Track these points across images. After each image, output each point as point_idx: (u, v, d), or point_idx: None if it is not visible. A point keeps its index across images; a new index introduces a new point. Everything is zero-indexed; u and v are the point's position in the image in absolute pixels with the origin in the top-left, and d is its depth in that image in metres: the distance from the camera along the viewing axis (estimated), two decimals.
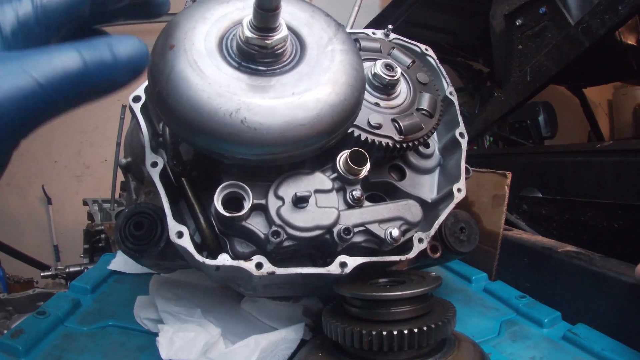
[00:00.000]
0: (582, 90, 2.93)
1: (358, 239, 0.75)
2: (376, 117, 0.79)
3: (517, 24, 2.10)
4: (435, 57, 1.02)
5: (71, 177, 4.34)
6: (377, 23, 2.68)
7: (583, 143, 2.81)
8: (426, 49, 1.02)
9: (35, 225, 4.25)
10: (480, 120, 2.06)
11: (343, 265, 0.72)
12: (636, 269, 0.82)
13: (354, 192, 0.75)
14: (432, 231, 0.82)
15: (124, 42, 0.41)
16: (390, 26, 0.99)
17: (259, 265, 0.69)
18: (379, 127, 0.78)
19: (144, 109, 0.78)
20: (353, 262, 0.73)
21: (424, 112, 0.85)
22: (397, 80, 0.83)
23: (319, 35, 0.71)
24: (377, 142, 0.78)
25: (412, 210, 0.79)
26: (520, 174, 1.60)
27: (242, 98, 0.61)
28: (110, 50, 0.40)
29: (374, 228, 0.75)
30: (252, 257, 0.69)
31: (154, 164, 0.73)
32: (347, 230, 0.71)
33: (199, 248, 0.71)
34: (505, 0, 2.18)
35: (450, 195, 0.85)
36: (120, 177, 2.67)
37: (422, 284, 0.69)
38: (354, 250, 0.76)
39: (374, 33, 0.98)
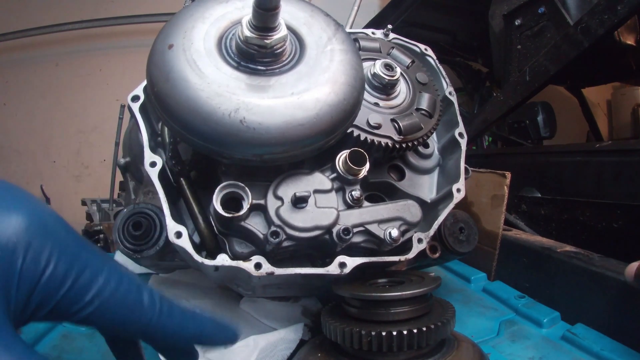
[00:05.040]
0: (581, 91, 2.93)
1: (357, 239, 0.75)
2: (375, 117, 0.79)
3: (516, 24, 2.10)
4: (434, 57, 1.01)
5: (70, 177, 4.33)
6: (376, 23, 2.68)
7: (582, 143, 2.81)
8: (425, 49, 1.01)
9: None
10: (480, 120, 2.06)
11: (342, 265, 0.72)
12: (626, 270, 0.82)
13: (353, 192, 0.75)
14: (432, 231, 0.82)
15: None
16: (389, 26, 0.99)
17: (258, 266, 0.69)
18: (379, 127, 0.78)
19: (142, 109, 0.77)
20: (352, 262, 0.73)
21: (423, 112, 0.85)
22: (397, 80, 0.83)
23: (318, 34, 0.71)
24: (376, 142, 0.78)
25: (411, 211, 0.79)
26: (519, 174, 1.60)
27: (241, 98, 0.61)
28: None
29: (373, 228, 0.75)
30: (251, 258, 0.69)
31: (153, 164, 0.73)
32: (347, 231, 0.70)
33: (197, 248, 0.71)
34: (504, 1, 2.18)
35: (449, 195, 0.85)
36: (119, 177, 2.66)
37: (421, 285, 0.69)
38: (353, 250, 0.75)
39: (373, 33, 0.98)
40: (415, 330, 0.63)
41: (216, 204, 0.66)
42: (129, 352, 0.50)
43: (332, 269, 0.72)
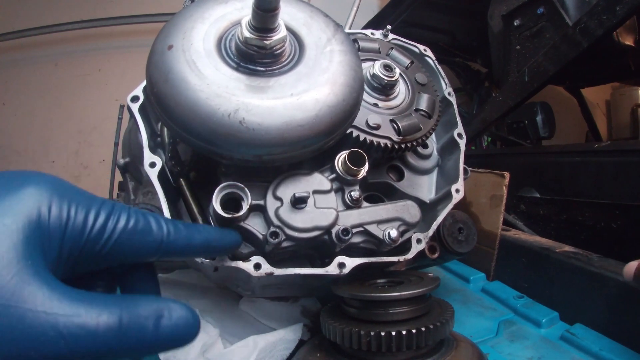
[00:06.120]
0: (580, 91, 2.93)
1: (356, 239, 0.75)
2: (375, 117, 0.79)
3: (515, 24, 2.10)
4: (433, 58, 1.02)
5: (69, 177, 4.29)
6: (375, 23, 2.68)
7: (581, 143, 2.81)
8: (425, 50, 1.02)
9: None
10: (479, 120, 2.06)
11: (341, 265, 0.72)
12: (624, 269, 0.82)
13: (352, 193, 0.75)
14: (431, 232, 0.82)
15: (173, 312, 0.40)
16: (388, 26, 0.99)
17: (257, 266, 0.69)
18: (378, 127, 0.78)
19: (142, 109, 0.77)
20: (351, 262, 0.73)
21: (422, 112, 0.85)
22: (396, 80, 0.83)
23: (318, 35, 0.71)
24: (375, 143, 0.78)
25: (410, 211, 0.79)
26: (518, 174, 1.60)
27: (240, 98, 0.61)
28: (155, 321, 0.39)
29: (372, 229, 0.75)
30: (251, 258, 0.69)
31: (152, 165, 0.73)
32: (346, 231, 0.70)
33: None
34: (503, 1, 2.18)
35: (448, 195, 0.85)
36: (119, 177, 2.65)
37: (420, 285, 0.69)
38: (352, 250, 0.76)
39: (372, 33, 0.98)
40: (414, 331, 0.63)
41: (215, 204, 0.66)
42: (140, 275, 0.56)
43: (332, 269, 0.72)
